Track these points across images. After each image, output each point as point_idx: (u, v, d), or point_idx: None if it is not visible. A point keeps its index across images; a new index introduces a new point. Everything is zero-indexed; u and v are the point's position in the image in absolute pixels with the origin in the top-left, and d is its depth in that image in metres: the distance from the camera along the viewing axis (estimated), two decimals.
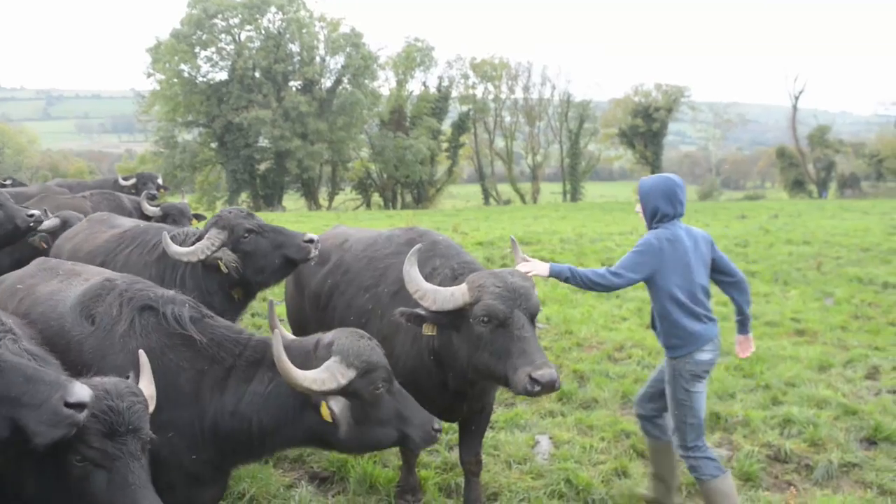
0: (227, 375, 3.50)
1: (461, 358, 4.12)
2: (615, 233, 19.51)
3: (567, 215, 29.92)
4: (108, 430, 2.83)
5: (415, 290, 4.08)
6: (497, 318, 3.91)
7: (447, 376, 4.40)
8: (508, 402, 7.01)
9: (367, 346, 3.51)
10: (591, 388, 7.27)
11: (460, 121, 54.45)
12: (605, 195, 58.60)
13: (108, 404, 2.86)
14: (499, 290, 3.97)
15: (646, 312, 10.35)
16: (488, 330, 3.93)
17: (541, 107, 58.48)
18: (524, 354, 3.82)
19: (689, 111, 61.98)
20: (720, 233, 19.48)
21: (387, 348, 4.64)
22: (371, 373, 3.41)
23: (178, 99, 45.46)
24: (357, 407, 3.41)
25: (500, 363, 3.89)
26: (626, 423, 6.45)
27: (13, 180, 16.47)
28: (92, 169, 58.53)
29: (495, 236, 17.73)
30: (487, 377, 4.08)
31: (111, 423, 2.84)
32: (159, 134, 46.90)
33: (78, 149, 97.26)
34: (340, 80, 47.29)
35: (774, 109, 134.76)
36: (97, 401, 2.81)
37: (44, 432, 2.60)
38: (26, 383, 2.62)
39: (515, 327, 3.90)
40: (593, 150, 60.81)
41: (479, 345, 3.97)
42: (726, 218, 26.79)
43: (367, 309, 4.83)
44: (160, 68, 45.37)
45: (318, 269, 5.42)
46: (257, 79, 45.06)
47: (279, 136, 42.87)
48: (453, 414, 4.79)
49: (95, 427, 2.81)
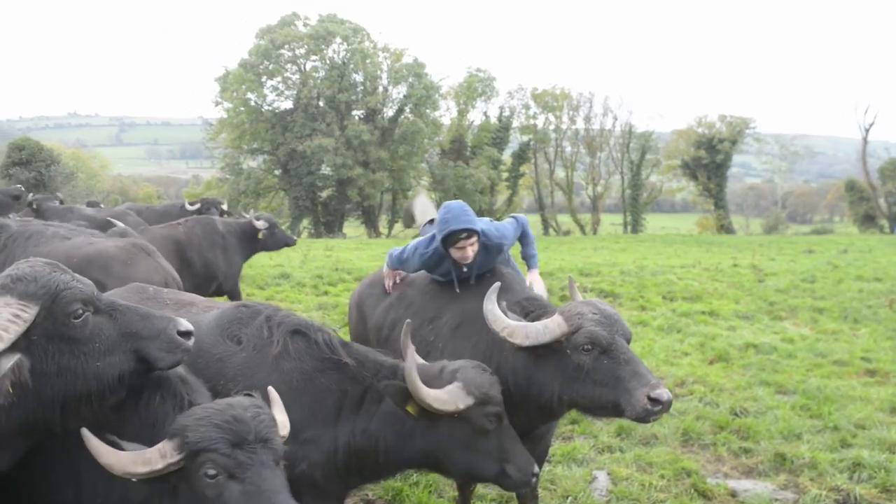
0: (364, 395, 3.81)
1: (548, 392, 4.04)
2: (676, 265, 19.21)
3: (627, 247, 29.56)
4: (235, 440, 2.85)
5: (502, 328, 4.04)
6: (600, 344, 3.86)
7: (512, 416, 4.36)
8: (566, 436, 6.93)
9: (488, 381, 3.74)
10: (651, 424, 7.13)
11: (521, 151, 54.57)
12: (666, 227, 57.87)
13: (232, 414, 2.91)
14: (597, 317, 3.94)
15: (708, 347, 10.16)
16: (591, 358, 3.86)
17: (602, 137, 58.24)
18: (637, 376, 3.78)
19: (754, 143, 61.04)
20: (786, 267, 19.02)
21: None
22: (486, 405, 3.64)
23: (244, 127, 46.61)
24: (468, 434, 3.64)
25: (607, 390, 3.83)
26: (687, 461, 6.30)
27: (97, 204, 17.29)
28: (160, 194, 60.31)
29: (555, 267, 17.62)
30: (589, 407, 4.01)
31: (237, 432, 2.87)
32: (225, 160, 48.13)
33: (148, 174, 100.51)
34: (402, 109, 47.89)
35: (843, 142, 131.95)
36: (221, 413, 2.91)
37: (164, 357, 3.04)
38: (142, 320, 3.07)
39: (620, 352, 3.86)
40: (655, 181, 60.21)
41: (578, 375, 3.90)
42: (793, 252, 26.17)
43: (428, 341, 4.83)
44: (228, 97, 46.64)
45: (379, 301, 5.47)
46: (321, 108, 45.96)
47: (341, 164, 43.55)
48: None
49: (222, 437, 2.84)
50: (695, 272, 17.77)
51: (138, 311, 3.09)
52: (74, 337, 2.86)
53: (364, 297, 5.73)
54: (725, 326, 11.78)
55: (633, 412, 3.73)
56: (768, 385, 8.47)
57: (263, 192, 48.08)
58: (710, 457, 6.53)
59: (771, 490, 5.83)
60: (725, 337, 10.85)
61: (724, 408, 7.57)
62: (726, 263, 19.90)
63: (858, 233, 49.76)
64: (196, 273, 9.92)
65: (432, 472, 4.61)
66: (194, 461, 2.80)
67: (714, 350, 9.94)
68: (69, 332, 2.86)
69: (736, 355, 9.78)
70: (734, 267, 18.91)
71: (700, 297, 14.20)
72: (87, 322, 2.91)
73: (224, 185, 47.41)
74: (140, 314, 3.08)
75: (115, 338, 2.97)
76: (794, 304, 13.63)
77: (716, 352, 9.85)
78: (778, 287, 15.37)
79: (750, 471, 6.27)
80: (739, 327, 11.73)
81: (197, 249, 10.08)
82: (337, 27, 46.29)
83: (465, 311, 4.75)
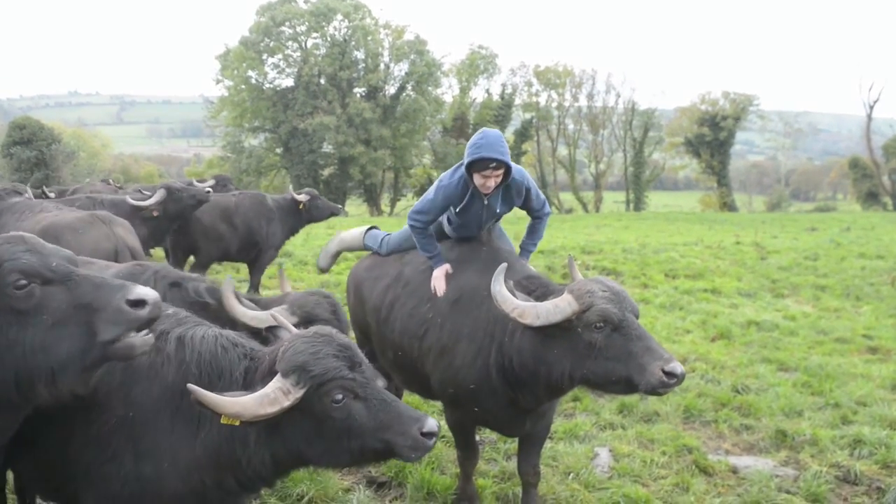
0: None
1: (558, 371, 4.05)
2: (679, 243, 19.23)
3: (630, 225, 29.55)
4: (351, 364, 3.10)
5: (511, 309, 4.02)
6: (612, 321, 3.88)
7: (518, 394, 4.38)
8: (567, 413, 6.96)
9: (313, 301, 4.57)
10: (653, 401, 7.15)
11: (523, 128, 54.33)
12: (669, 205, 57.79)
13: (339, 343, 3.16)
14: (607, 294, 3.95)
15: (710, 325, 10.18)
16: (602, 336, 3.88)
17: (605, 115, 57.98)
18: (650, 351, 3.82)
19: (757, 120, 60.80)
20: (789, 245, 19.03)
21: (446, 360, 4.66)
22: (311, 323, 3.98)
23: (245, 105, 46.45)
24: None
25: (620, 366, 3.86)
26: (688, 437, 6.33)
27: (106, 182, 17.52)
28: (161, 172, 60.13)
29: (557, 245, 17.63)
30: (600, 383, 4.02)
31: (349, 357, 3.12)
32: (226, 139, 48.01)
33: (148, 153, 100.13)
34: (404, 87, 47.69)
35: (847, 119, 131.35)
36: (330, 344, 3.12)
37: (106, 329, 2.80)
38: (96, 290, 2.86)
39: (631, 328, 3.90)
40: (658, 159, 60.03)
41: (590, 353, 3.92)
42: (795, 230, 26.16)
43: (426, 318, 4.85)
44: (229, 75, 46.44)
45: (377, 282, 5.46)
46: (322, 85, 45.76)
47: (343, 142, 43.44)
48: (515, 430, 4.78)
49: (342, 365, 3.07)
50: (697, 250, 17.78)
51: (94, 280, 2.90)
52: (19, 309, 2.76)
53: (361, 280, 5.74)
54: (728, 304, 11.81)
55: (647, 386, 3.77)
56: (770, 362, 8.50)
57: (265, 170, 47.99)
58: (712, 433, 6.56)
59: (772, 466, 5.86)
60: (727, 314, 10.87)
61: (725, 385, 7.60)
62: (729, 241, 19.91)
63: (861, 210, 49.70)
64: (240, 237, 11.50)
65: None
66: (318, 391, 3.02)
67: (716, 327, 9.97)
68: (13, 303, 2.76)
69: (738, 332, 9.81)
70: (737, 244, 18.92)
71: (702, 275, 14.22)
72: (33, 293, 2.78)
73: (225, 163, 47.28)
74: (95, 283, 2.88)
75: (66, 310, 2.81)
76: (796, 281, 13.65)
77: (718, 329, 9.88)
78: (780, 265, 15.39)
79: (751, 447, 6.30)
80: (741, 305, 11.76)
81: (242, 217, 11.52)
82: (338, 4, 45.98)
83: (462, 286, 4.76)
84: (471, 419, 4.85)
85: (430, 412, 6.61)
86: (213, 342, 3.28)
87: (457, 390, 4.63)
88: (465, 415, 4.79)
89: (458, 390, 4.62)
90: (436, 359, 4.75)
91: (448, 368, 4.64)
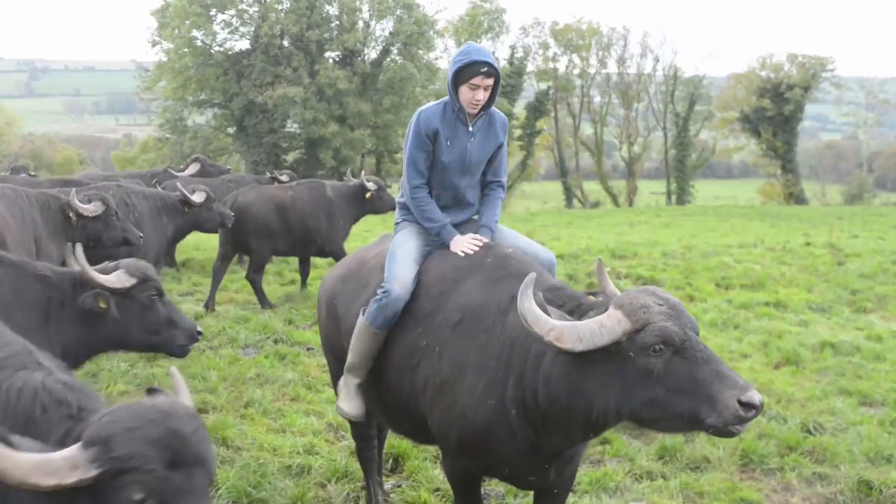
0: (63, 302, 5.90)
1: (600, 405, 4.01)
2: (733, 245, 19.25)
3: (672, 222, 29.65)
4: (172, 460, 2.85)
5: (547, 331, 3.93)
6: (674, 343, 3.82)
7: (544, 435, 4.35)
8: (594, 460, 6.94)
9: (144, 265, 6.10)
10: (702, 443, 7.16)
11: (538, 102, 54.44)
12: (721, 197, 57.96)
13: (169, 427, 2.89)
14: (664, 308, 3.90)
15: (773, 347, 10.17)
16: (662, 361, 3.83)
17: (640, 84, 58.22)
18: (722, 378, 3.75)
19: (832, 90, 60.98)
20: (873, 246, 19.04)
21: (447, 397, 4.60)
22: (146, 282, 5.96)
23: (188, 73, 46.30)
24: (138, 310, 5.95)
25: (683, 398, 3.81)
26: (747, 490, 6.33)
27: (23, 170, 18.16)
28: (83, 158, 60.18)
29: (580, 248, 17.65)
30: (656, 420, 3.98)
31: (176, 450, 2.86)
32: (165, 116, 47.85)
33: (67, 132, 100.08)
34: (388, 50, 47.68)
35: None
36: (156, 424, 2.87)
37: None
38: None
39: (696, 350, 3.83)
40: (706, 138, 60.29)
41: (645, 382, 3.86)
42: (881, 227, 26.24)
43: (419, 346, 4.79)
44: (167, 35, 46.31)
45: (355, 297, 5.42)
46: (285, 48, 45.68)
47: (311, 119, 43.35)
48: (536, 480, 4.71)
49: (157, 455, 2.83)
50: (756, 253, 17.80)
51: None
52: None
53: (335, 293, 5.68)
54: (795, 321, 11.81)
55: (719, 420, 3.71)
56: (850, 394, 8.49)
57: (214, 154, 47.82)
58: (777, 485, 6.54)
59: None
60: (795, 334, 10.87)
61: (793, 423, 7.58)
62: (796, 242, 19.93)
63: None
64: (295, 236, 12.73)
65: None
66: (116, 479, 2.80)
67: (781, 351, 9.96)
68: None
69: (809, 357, 9.81)
70: (806, 246, 18.94)
71: (763, 285, 14.23)
72: None
73: (164, 146, 47.20)
74: None
75: None
76: (882, 292, 13.66)
77: (783, 353, 9.87)
78: (862, 271, 15.39)
79: (827, 503, 6.29)
80: (813, 322, 11.76)
81: (299, 214, 12.67)
82: None
83: (465, 305, 4.70)
84: (479, 468, 4.79)
85: (423, 459, 6.60)
86: (32, 398, 3.20)
87: (462, 434, 4.58)
88: (473, 463, 4.73)
89: (463, 434, 4.57)
90: (434, 396, 4.69)
91: (451, 408, 4.58)
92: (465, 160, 5.28)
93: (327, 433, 7.29)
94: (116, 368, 8.68)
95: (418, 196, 5.30)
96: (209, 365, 8.98)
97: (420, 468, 6.43)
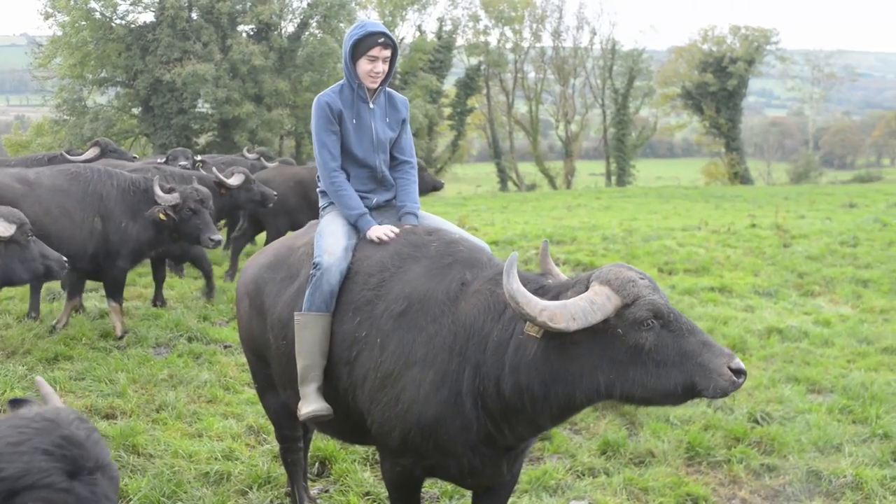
0: None
1: (586, 388, 4.09)
2: (676, 228, 19.45)
3: (612, 204, 29.89)
4: (72, 469, 2.72)
5: (540, 310, 3.95)
6: (663, 316, 3.95)
7: (504, 426, 4.36)
8: (534, 457, 6.96)
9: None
10: (646, 436, 7.23)
11: (468, 78, 54.51)
12: (662, 177, 58.70)
13: (60, 435, 2.76)
14: (646, 282, 4.05)
15: (718, 334, 10.30)
16: (653, 335, 3.94)
17: (576, 59, 58.56)
18: (710, 347, 3.94)
19: (777, 63, 62.01)
20: (820, 227, 19.39)
21: (390, 392, 4.57)
22: None
23: (87, 48, 45.37)
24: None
25: (675, 371, 3.94)
26: (693, 484, 6.39)
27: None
28: None
29: (516, 233, 17.70)
30: (648, 397, 4.07)
31: (73, 458, 2.73)
32: (62, 96, 46.79)
33: None
34: (307, 23, 47.29)
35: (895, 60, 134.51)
36: (44, 433, 2.74)
37: None
38: None
39: (682, 322, 3.99)
40: (647, 116, 60.89)
41: (636, 359, 3.97)
42: (829, 207, 26.73)
43: (357, 337, 4.75)
44: (62, 6, 45.29)
45: (284, 285, 5.34)
46: (194, 21, 45.03)
47: (224, 98, 42.80)
48: (488, 477, 4.70)
49: (55, 466, 2.69)
50: (700, 236, 18.00)
51: None
52: None
53: (262, 281, 5.54)
54: (741, 306, 11.98)
55: (717, 389, 3.89)
56: (798, 382, 8.63)
57: (117, 137, 47.00)
58: (724, 478, 6.63)
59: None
60: (741, 320, 11.02)
61: (740, 413, 7.70)
62: (742, 224, 20.21)
63: None
64: (315, 211, 12.66)
65: None
66: (12, 502, 2.70)
67: (727, 338, 10.07)
68: None
69: (755, 344, 9.95)
70: (752, 228, 19.21)
71: (707, 269, 14.41)
72: None
73: (61, 128, 46.18)
74: None
75: None
76: (830, 275, 13.88)
77: (729, 340, 9.97)
78: (809, 253, 15.65)
79: (776, 495, 6.39)
80: (759, 307, 11.93)
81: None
82: None
83: (409, 294, 4.66)
84: (422, 469, 4.76)
85: (351, 461, 6.58)
86: None
87: (405, 431, 4.54)
88: (416, 464, 4.68)
89: (407, 431, 4.53)
90: (374, 391, 4.63)
91: (394, 403, 4.53)
92: (374, 136, 5.44)
93: (247, 437, 7.18)
94: (13, 373, 8.40)
95: (336, 181, 5.39)
96: (116, 366, 8.67)
97: (349, 471, 6.38)
